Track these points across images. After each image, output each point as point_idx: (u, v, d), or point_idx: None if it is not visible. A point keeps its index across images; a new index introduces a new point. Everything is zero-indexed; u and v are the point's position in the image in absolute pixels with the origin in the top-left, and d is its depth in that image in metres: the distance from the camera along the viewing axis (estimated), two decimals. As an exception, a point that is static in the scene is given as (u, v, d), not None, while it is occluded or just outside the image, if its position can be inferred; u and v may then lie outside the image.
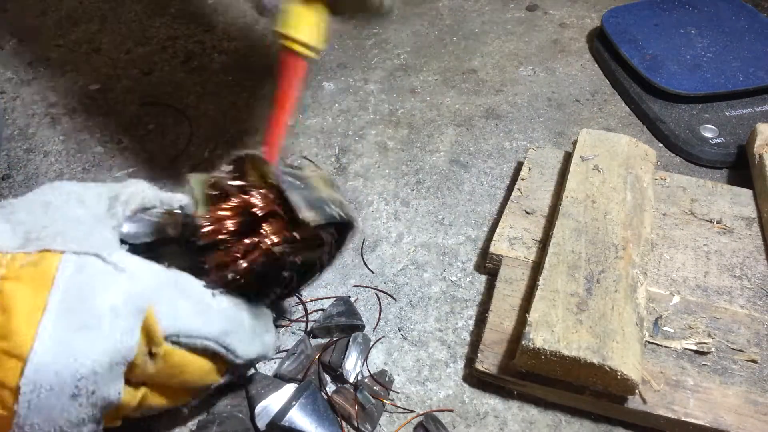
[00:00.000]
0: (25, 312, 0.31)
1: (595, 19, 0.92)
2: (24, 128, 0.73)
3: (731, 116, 0.70)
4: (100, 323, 0.32)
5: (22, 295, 0.32)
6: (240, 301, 0.40)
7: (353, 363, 0.47)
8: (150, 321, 0.34)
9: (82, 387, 0.32)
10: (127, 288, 0.34)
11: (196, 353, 0.38)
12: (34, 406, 0.31)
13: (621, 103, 0.77)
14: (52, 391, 0.31)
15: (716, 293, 0.50)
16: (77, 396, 0.32)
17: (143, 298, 0.34)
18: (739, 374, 0.45)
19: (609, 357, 0.41)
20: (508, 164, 0.68)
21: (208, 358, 0.39)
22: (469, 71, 0.82)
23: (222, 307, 0.38)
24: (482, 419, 0.46)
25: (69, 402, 0.32)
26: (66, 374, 0.31)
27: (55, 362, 0.31)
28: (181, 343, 0.36)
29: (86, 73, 0.83)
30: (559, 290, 0.46)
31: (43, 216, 0.36)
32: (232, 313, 0.39)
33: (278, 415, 0.43)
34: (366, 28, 0.91)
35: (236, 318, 0.39)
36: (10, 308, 0.31)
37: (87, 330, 0.32)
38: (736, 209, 0.57)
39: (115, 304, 0.33)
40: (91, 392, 0.32)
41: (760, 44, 0.77)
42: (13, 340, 0.31)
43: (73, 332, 0.32)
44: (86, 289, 0.33)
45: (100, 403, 0.33)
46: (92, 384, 0.32)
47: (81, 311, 0.32)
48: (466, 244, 0.59)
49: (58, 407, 0.31)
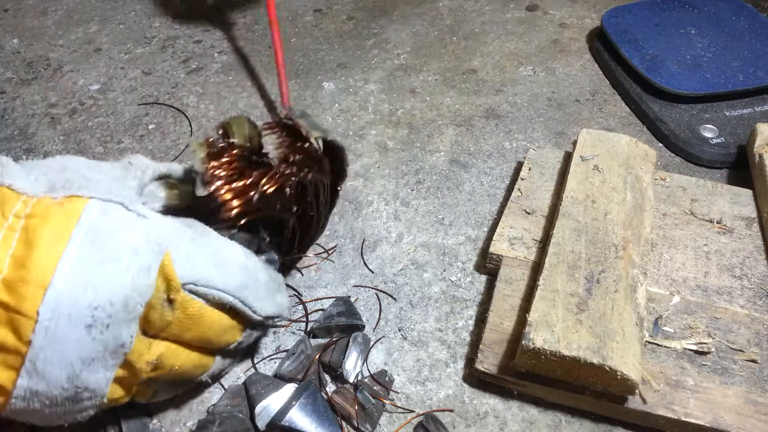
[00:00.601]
0: (48, 244, 0.32)
1: (595, 19, 0.92)
2: (24, 128, 0.73)
3: (731, 116, 0.70)
4: (119, 258, 0.33)
5: (46, 230, 0.32)
6: (253, 256, 0.41)
7: (353, 363, 0.47)
8: (167, 264, 0.35)
9: (97, 317, 0.32)
10: (148, 231, 0.35)
11: (213, 306, 0.38)
12: (51, 335, 0.32)
13: (621, 103, 0.77)
14: (69, 319, 0.32)
15: (716, 293, 0.50)
16: (91, 327, 0.32)
17: (162, 242, 0.35)
18: (739, 374, 0.45)
19: (609, 357, 0.41)
20: (508, 164, 0.68)
21: (225, 312, 0.39)
22: (469, 71, 0.82)
23: (238, 260, 0.39)
24: (482, 419, 0.46)
25: (83, 333, 0.32)
26: (83, 302, 0.32)
27: (74, 290, 0.32)
28: (198, 293, 0.37)
29: (86, 73, 0.83)
30: (559, 290, 0.46)
31: (63, 173, 0.37)
32: (248, 268, 0.40)
33: (278, 415, 0.43)
34: (366, 28, 0.91)
35: (251, 272, 0.40)
36: (34, 242, 0.32)
37: (107, 263, 0.33)
38: (736, 209, 0.57)
39: (135, 243, 0.34)
40: (105, 326, 0.33)
41: (760, 44, 0.77)
42: (35, 269, 0.31)
43: (94, 264, 0.32)
44: (109, 228, 0.34)
45: (112, 343, 0.33)
46: (107, 317, 0.32)
47: (102, 246, 0.33)
48: (466, 244, 0.59)
49: (73, 338, 0.32)
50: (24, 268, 0.31)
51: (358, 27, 0.92)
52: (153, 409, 0.46)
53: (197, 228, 0.39)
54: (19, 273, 0.31)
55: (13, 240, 0.32)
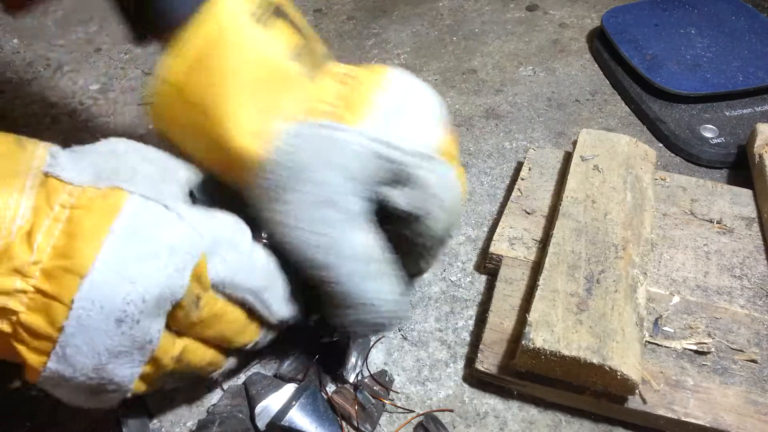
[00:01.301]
0: (89, 234, 0.33)
1: (595, 19, 0.92)
2: (24, 128, 0.74)
3: (731, 116, 0.70)
4: (157, 255, 0.33)
5: (88, 221, 0.33)
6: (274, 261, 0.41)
7: (353, 363, 0.47)
8: (201, 266, 0.35)
9: (129, 312, 0.33)
10: (186, 233, 0.35)
11: (235, 304, 0.39)
12: (83, 324, 0.32)
13: (621, 103, 0.77)
14: (102, 310, 0.32)
15: (716, 293, 0.50)
16: (122, 321, 0.33)
17: (199, 245, 0.35)
18: (739, 374, 0.45)
19: (609, 357, 0.41)
20: (508, 164, 0.68)
21: (245, 312, 0.40)
22: (469, 71, 0.82)
23: (264, 264, 0.40)
24: (482, 419, 0.46)
25: (113, 326, 0.32)
26: (118, 295, 0.32)
27: (109, 281, 0.32)
28: (224, 292, 0.38)
29: (86, 73, 0.83)
30: (559, 290, 0.46)
31: (113, 162, 0.37)
32: (271, 271, 0.40)
33: (278, 415, 0.43)
34: (366, 28, 0.91)
35: (274, 276, 0.40)
36: (76, 233, 0.32)
37: (144, 258, 0.33)
38: (736, 209, 0.57)
39: (173, 242, 0.34)
40: (136, 321, 0.33)
41: (760, 44, 0.77)
42: (75, 258, 0.32)
43: (131, 259, 0.33)
44: (149, 225, 0.34)
45: (139, 339, 0.34)
46: (138, 312, 0.33)
47: (141, 242, 0.33)
48: (466, 244, 0.59)
49: (103, 329, 0.32)
50: (64, 258, 0.32)
51: (358, 27, 0.92)
52: (153, 409, 0.46)
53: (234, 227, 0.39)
54: (59, 262, 0.32)
55: (57, 230, 0.33)
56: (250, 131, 0.38)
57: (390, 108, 0.40)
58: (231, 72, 0.38)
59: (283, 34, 0.40)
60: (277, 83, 0.39)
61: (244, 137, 0.38)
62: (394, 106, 0.40)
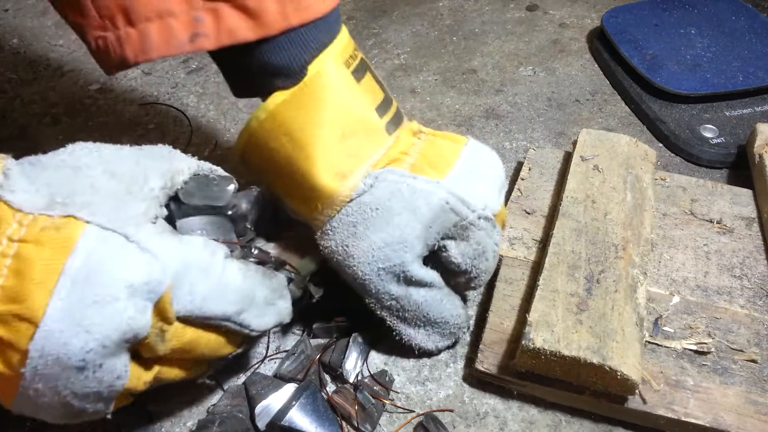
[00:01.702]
0: (40, 276, 0.31)
1: (595, 19, 0.92)
2: (24, 128, 0.74)
3: (731, 116, 0.70)
4: (115, 299, 0.32)
5: (39, 259, 0.31)
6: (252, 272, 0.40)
7: (353, 363, 0.47)
8: (165, 302, 0.34)
9: (89, 360, 0.31)
10: (147, 269, 0.33)
11: (209, 329, 0.38)
12: (40, 373, 0.31)
13: (621, 103, 0.77)
14: (58, 360, 0.31)
15: (716, 293, 0.50)
16: (83, 369, 0.32)
17: (161, 280, 0.33)
18: (739, 374, 0.45)
19: (609, 357, 0.41)
20: (508, 164, 0.68)
21: (221, 334, 0.39)
22: (469, 71, 0.83)
23: (237, 284, 0.38)
24: (482, 419, 0.46)
25: (75, 374, 0.32)
26: (75, 345, 0.31)
27: (64, 331, 0.31)
28: (195, 322, 0.37)
29: (86, 73, 0.83)
30: (559, 290, 0.46)
31: (72, 180, 0.35)
32: (247, 289, 0.39)
33: (278, 415, 0.43)
34: (366, 28, 0.91)
35: (250, 294, 0.39)
36: (25, 272, 0.31)
37: (101, 304, 0.31)
38: (736, 209, 0.57)
39: (132, 282, 0.32)
40: (98, 365, 0.32)
41: (760, 44, 0.77)
42: (26, 303, 0.30)
43: (87, 304, 0.31)
44: (106, 262, 0.32)
45: (106, 379, 0.33)
46: (100, 358, 0.32)
47: (97, 283, 0.31)
48: (466, 244, 0.59)
49: (63, 377, 0.31)
50: (15, 302, 0.30)
51: (358, 27, 0.92)
52: (153, 409, 0.46)
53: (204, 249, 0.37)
54: (10, 307, 0.30)
55: (5, 267, 0.31)
56: (336, 172, 0.41)
57: (464, 169, 0.44)
58: (327, 115, 0.40)
59: (370, 87, 0.43)
60: (364, 132, 0.42)
61: (330, 176, 0.41)
62: (468, 167, 0.44)
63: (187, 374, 0.40)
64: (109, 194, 0.35)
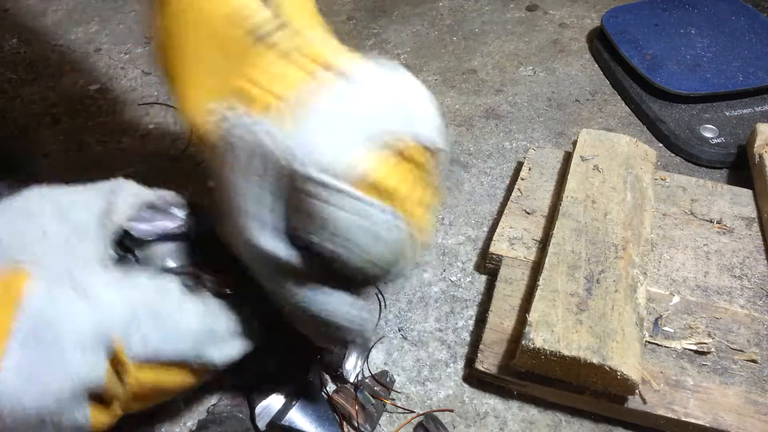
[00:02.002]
0: None
1: (595, 19, 0.92)
2: (24, 128, 0.73)
3: (731, 116, 0.70)
4: (64, 355, 0.32)
5: None
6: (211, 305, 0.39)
7: (353, 363, 0.47)
8: (118, 351, 0.33)
9: (47, 416, 0.32)
10: (95, 318, 0.33)
11: (170, 367, 0.37)
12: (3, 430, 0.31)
13: (621, 103, 0.77)
14: (17, 419, 0.31)
15: (716, 293, 0.50)
16: (42, 423, 0.32)
17: (111, 328, 0.33)
18: (739, 374, 0.45)
19: (609, 357, 0.41)
20: (508, 164, 0.68)
21: (184, 371, 0.38)
22: (469, 71, 0.82)
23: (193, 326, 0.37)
24: (482, 419, 0.46)
25: (35, 429, 0.32)
26: (30, 404, 0.31)
27: (19, 392, 0.31)
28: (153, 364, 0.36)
29: (86, 73, 0.83)
30: (559, 290, 0.46)
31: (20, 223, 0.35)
32: (205, 328, 0.37)
33: (278, 415, 0.43)
34: (366, 28, 0.91)
35: (209, 330, 0.38)
36: None
37: (52, 362, 0.31)
38: (736, 209, 0.57)
39: (81, 335, 0.32)
40: (57, 420, 0.32)
41: (760, 44, 0.77)
42: None
43: (39, 363, 0.31)
44: (53, 317, 0.32)
45: (68, 426, 0.33)
46: (57, 414, 0.32)
47: (47, 341, 0.32)
48: (466, 244, 0.59)
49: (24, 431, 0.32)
50: None
51: (358, 27, 0.92)
52: (153, 410, 0.46)
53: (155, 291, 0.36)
54: None
55: None
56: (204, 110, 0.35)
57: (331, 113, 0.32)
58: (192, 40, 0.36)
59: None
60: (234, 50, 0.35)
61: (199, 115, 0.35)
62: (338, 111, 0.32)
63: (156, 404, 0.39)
64: (59, 240, 0.35)
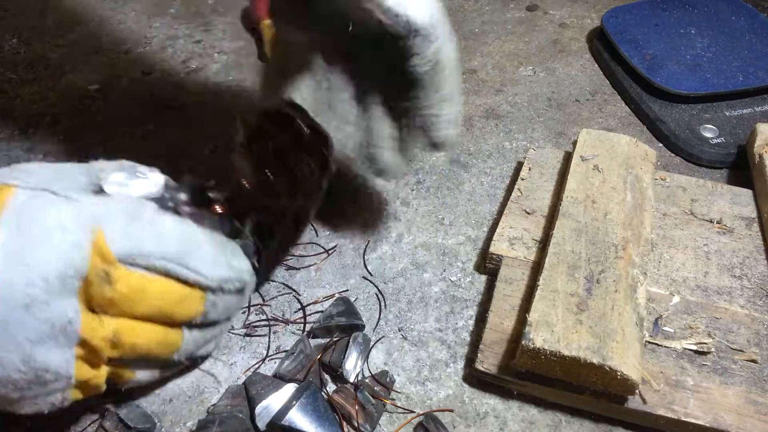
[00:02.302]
0: None
1: (595, 19, 0.92)
2: (24, 128, 0.73)
3: (731, 116, 0.70)
4: (49, 236, 0.34)
5: None
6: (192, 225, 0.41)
7: (353, 363, 0.47)
8: (99, 239, 0.35)
9: (34, 296, 0.33)
10: (77, 210, 0.36)
11: (159, 274, 0.38)
12: None
13: (621, 103, 0.77)
14: (5, 302, 0.32)
15: (716, 293, 0.50)
16: (30, 306, 0.33)
17: (93, 220, 0.36)
18: (739, 374, 0.45)
19: (609, 357, 0.41)
20: (508, 164, 0.68)
21: (174, 281, 0.39)
22: (469, 71, 0.83)
23: (175, 228, 0.39)
24: (482, 419, 0.46)
25: (23, 313, 0.33)
26: (17, 283, 0.33)
27: (5, 272, 0.33)
28: (139, 265, 0.37)
29: (86, 73, 0.83)
30: (559, 290, 0.46)
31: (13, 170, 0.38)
32: (186, 235, 0.40)
33: (278, 415, 0.43)
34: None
35: (191, 239, 0.40)
36: None
37: (36, 242, 0.34)
38: (736, 209, 0.57)
39: (63, 221, 0.35)
40: (45, 303, 0.33)
41: (760, 44, 0.77)
42: None
43: (24, 245, 0.33)
44: (37, 211, 0.35)
45: (58, 321, 0.34)
46: (44, 293, 0.33)
47: (31, 228, 0.34)
48: (466, 244, 0.59)
49: (14, 320, 0.33)
50: None
51: (358, 27, 0.92)
52: (153, 410, 0.46)
53: (131, 201, 0.39)
54: None
55: None
56: None
57: None
58: None
59: None
60: None
61: None
62: None
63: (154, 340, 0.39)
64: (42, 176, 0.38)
